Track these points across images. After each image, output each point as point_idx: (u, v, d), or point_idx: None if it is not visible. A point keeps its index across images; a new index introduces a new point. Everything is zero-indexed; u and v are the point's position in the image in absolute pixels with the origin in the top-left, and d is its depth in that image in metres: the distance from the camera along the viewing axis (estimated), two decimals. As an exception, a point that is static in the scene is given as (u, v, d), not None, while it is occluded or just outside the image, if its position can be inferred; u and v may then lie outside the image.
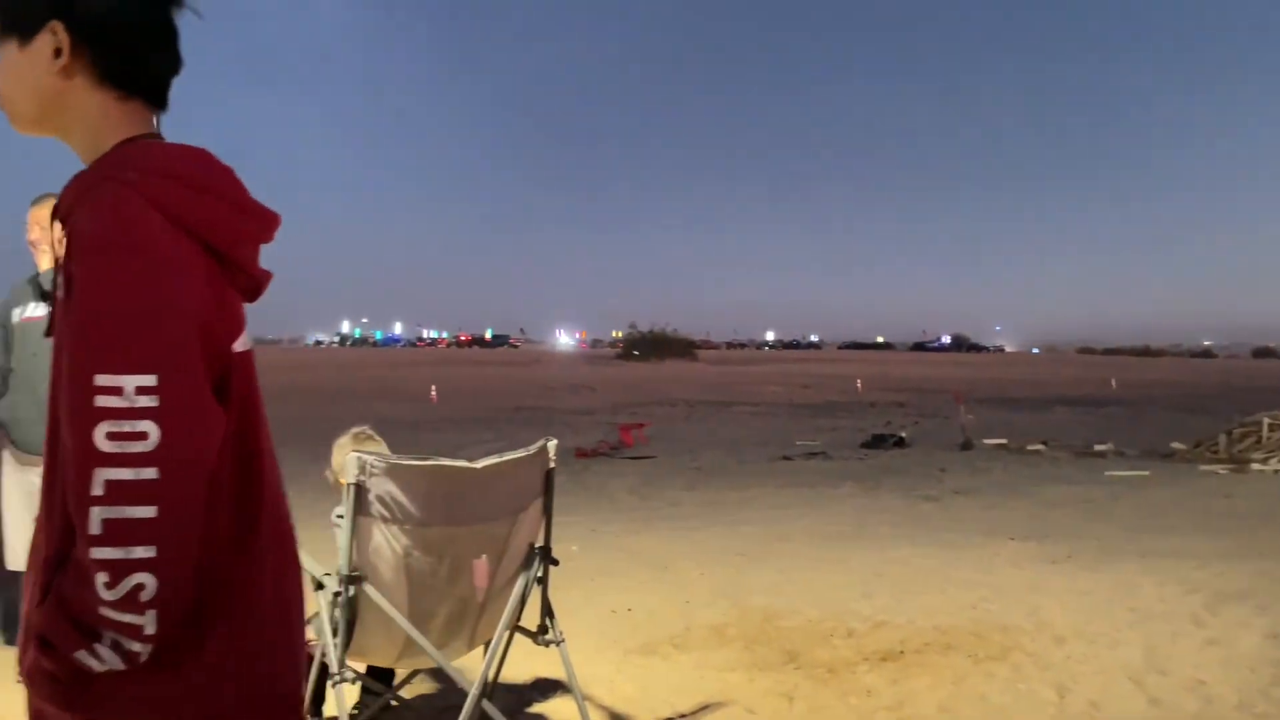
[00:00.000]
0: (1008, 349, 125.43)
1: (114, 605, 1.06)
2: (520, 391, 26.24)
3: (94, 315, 1.07)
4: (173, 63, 1.23)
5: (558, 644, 3.02)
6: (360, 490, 2.63)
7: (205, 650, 1.15)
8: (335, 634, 2.70)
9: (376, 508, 2.66)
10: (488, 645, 3.22)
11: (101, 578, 1.05)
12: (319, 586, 2.81)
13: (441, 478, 2.73)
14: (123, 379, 1.05)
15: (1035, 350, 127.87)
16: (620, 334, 79.70)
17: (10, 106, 1.21)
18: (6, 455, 3.98)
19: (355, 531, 2.66)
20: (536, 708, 3.54)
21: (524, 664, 3.83)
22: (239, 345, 1.22)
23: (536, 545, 2.99)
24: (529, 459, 2.90)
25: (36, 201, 4.00)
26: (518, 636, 3.04)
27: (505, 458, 2.82)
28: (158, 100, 1.23)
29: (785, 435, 14.04)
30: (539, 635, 3.05)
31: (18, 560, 3.97)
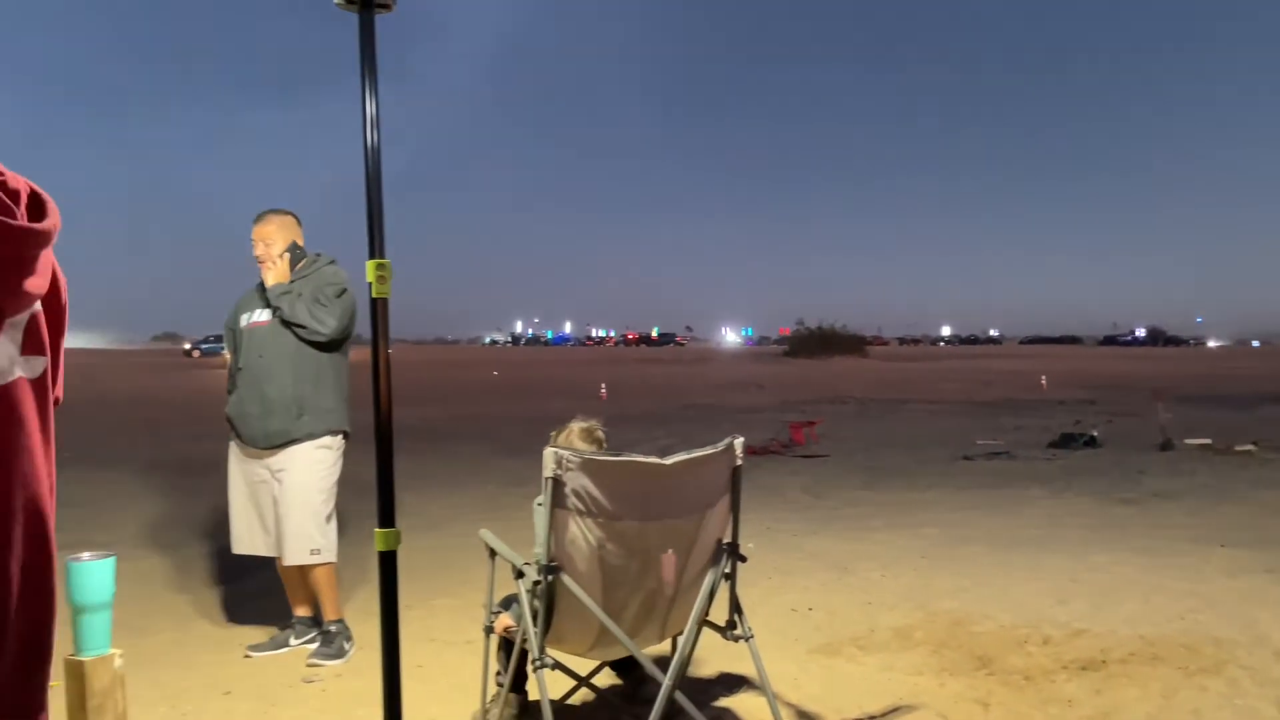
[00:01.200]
0: (1212, 342, 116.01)
1: None
2: (688, 389, 26.43)
3: None
4: None
5: (746, 639, 3.05)
6: (557, 484, 2.74)
7: None
8: (535, 621, 2.82)
9: (572, 501, 2.76)
10: (675, 640, 3.30)
11: None
12: (519, 575, 2.95)
13: (633, 473, 2.81)
14: None
15: (1255, 344, 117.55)
16: (787, 330, 78.90)
17: None
18: (232, 447, 4.36)
19: (552, 523, 2.77)
20: (723, 701, 3.58)
21: (708, 659, 3.88)
22: None
23: (724, 541, 3.03)
24: (717, 456, 2.94)
25: (259, 219, 4.36)
26: (704, 631, 3.09)
27: (694, 454, 2.87)
28: None
29: (964, 434, 13.55)
30: (728, 630, 3.08)
31: (242, 544, 4.34)
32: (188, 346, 67.64)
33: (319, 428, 4.20)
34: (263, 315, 4.28)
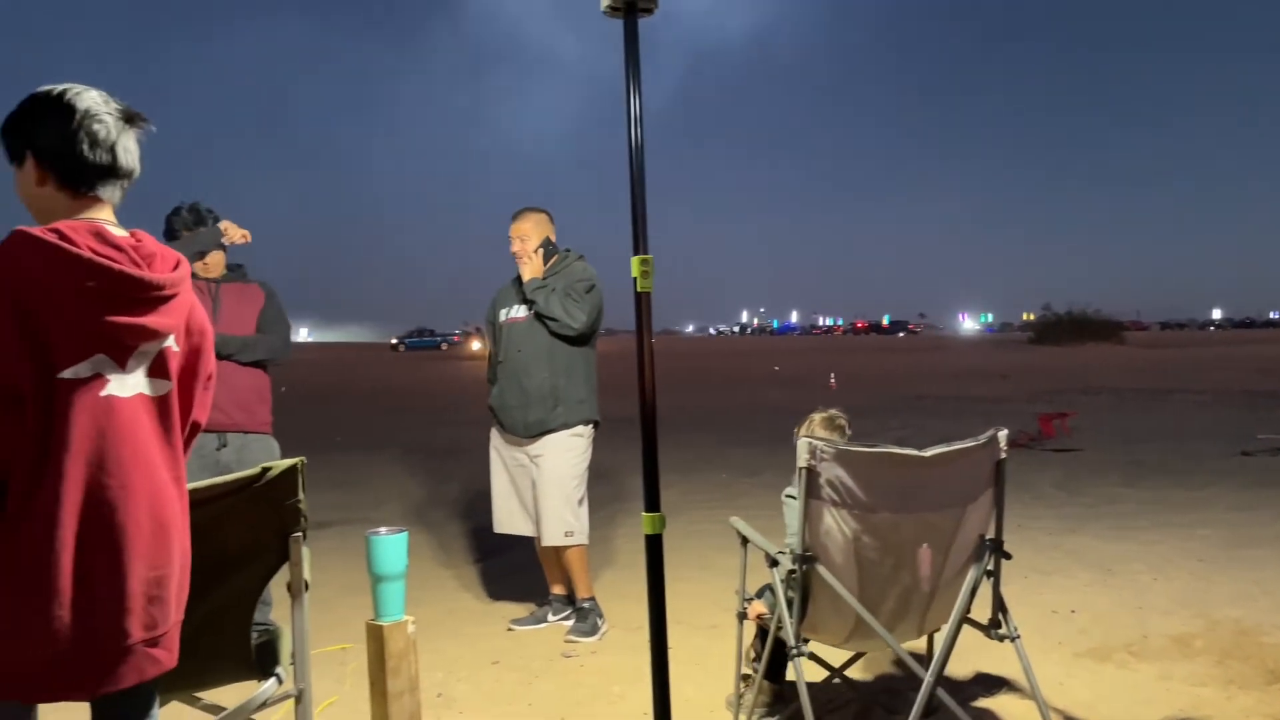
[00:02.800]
0: None
1: None
2: (922, 379, 25.49)
3: None
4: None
5: (1012, 639, 2.93)
6: (811, 474, 2.74)
7: None
8: (790, 610, 2.84)
9: (827, 491, 2.75)
10: (931, 637, 3.22)
11: None
12: (773, 563, 2.97)
13: (890, 465, 2.76)
14: None
15: None
16: (1032, 316, 74.37)
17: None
18: (494, 434, 4.65)
19: (807, 513, 2.77)
20: (982, 702, 3.46)
21: (964, 658, 3.75)
22: (68, 374, 1.69)
23: (987, 538, 2.92)
24: (979, 449, 2.84)
25: (516, 216, 4.62)
26: (964, 630, 2.99)
27: (954, 446, 2.79)
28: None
29: (1242, 428, 12.25)
30: (991, 629, 2.97)
31: (504, 525, 4.63)
32: (394, 341, 72.46)
33: (572, 418, 4.41)
34: (519, 311, 4.54)
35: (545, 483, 4.38)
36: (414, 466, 10.20)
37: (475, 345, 51.18)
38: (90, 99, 1.84)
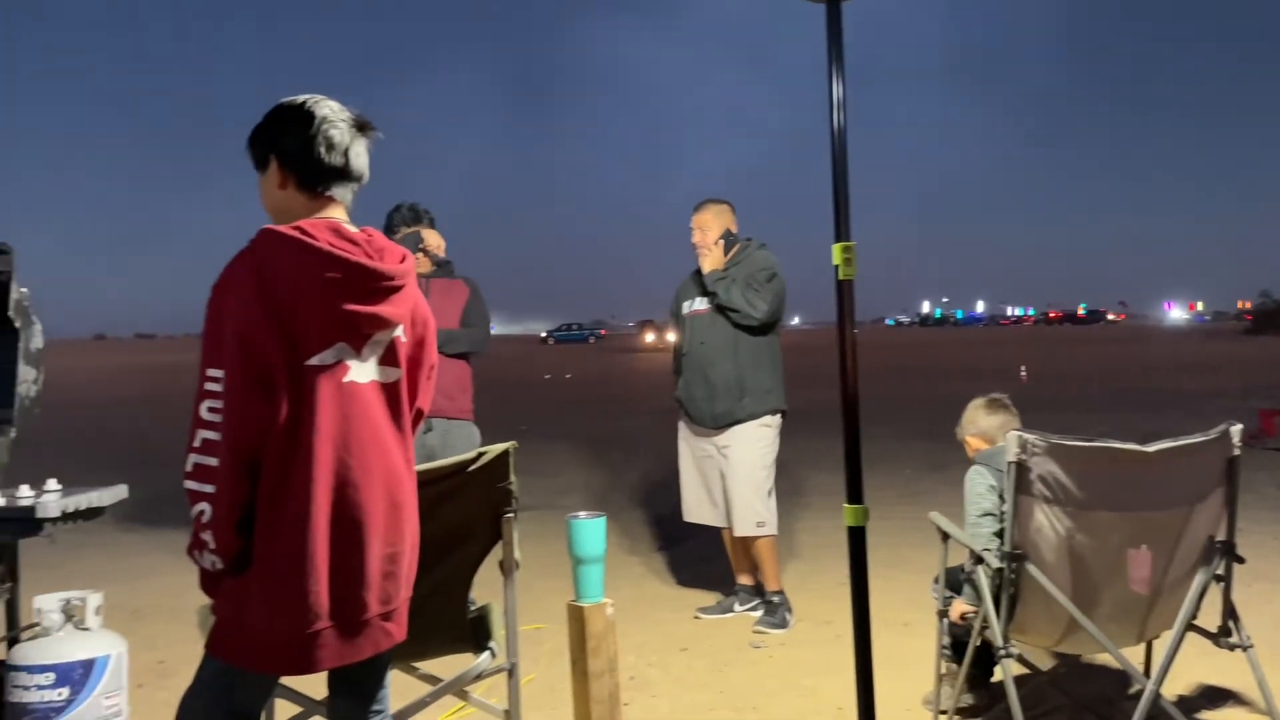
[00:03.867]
0: None
1: (194, 522, 1.79)
2: (1123, 371, 23.91)
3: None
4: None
5: (1244, 649, 2.72)
6: (1021, 469, 2.63)
7: (251, 570, 1.81)
8: (998, 609, 2.74)
9: (1038, 487, 2.63)
10: (1149, 644, 3.03)
11: (189, 502, 1.79)
12: (978, 561, 2.87)
13: (1108, 460, 2.61)
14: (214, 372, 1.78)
15: None
16: (1248, 304, 68.36)
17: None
18: (681, 426, 4.70)
19: (1016, 510, 2.66)
20: (1206, 714, 3.22)
21: (1184, 666, 3.50)
22: (315, 361, 1.82)
23: (1217, 539, 2.72)
24: (1207, 445, 2.65)
25: (698, 208, 4.65)
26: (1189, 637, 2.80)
27: (1180, 442, 2.61)
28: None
29: None
30: (1220, 637, 2.77)
31: (692, 514, 4.68)
32: (543, 335, 73.87)
33: (759, 408, 4.41)
34: (701, 303, 4.57)
35: (734, 474, 4.39)
36: (595, 455, 10.45)
37: (649, 337, 51.84)
38: (327, 107, 1.98)
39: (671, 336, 4.93)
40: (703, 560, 5.49)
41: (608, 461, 9.94)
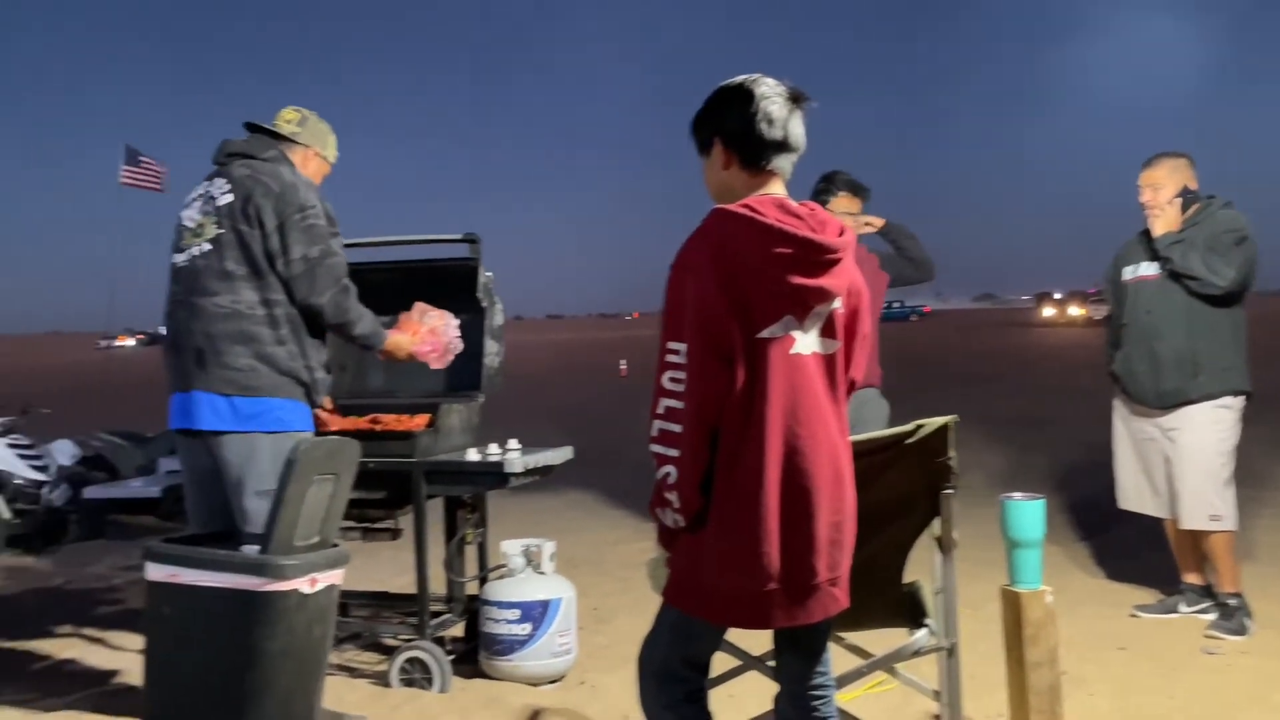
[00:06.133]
0: None
1: (658, 483, 1.92)
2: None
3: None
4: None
5: None
6: None
7: (707, 528, 1.92)
8: None
9: None
10: None
11: (655, 464, 1.91)
12: None
13: None
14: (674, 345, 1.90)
15: None
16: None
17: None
18: (1117, 404, 4.28)
19: None
20: None
21: None
22: (766, 333, 1.90)
23: None
24: None
25: (1147, 164, 4.16)
26: None
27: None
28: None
29: None
30: None
31: (1129, 500, 4.25)
32: None
33: (1217, 387, 3.89)
34: (1149, 269, 4.10)
35: (1184, 459, 3.92)
36: (991, 435, 9.88)
37: (1047, 311, 48.12)
38: (765, 84, 2.03)
39: (1077, 310, 4.48)
40: (1131, 553, 4.99)
41: (1006, 441, 9.35)
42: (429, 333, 3.46)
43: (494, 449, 3.66)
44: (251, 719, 2.42)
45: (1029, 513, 2.78)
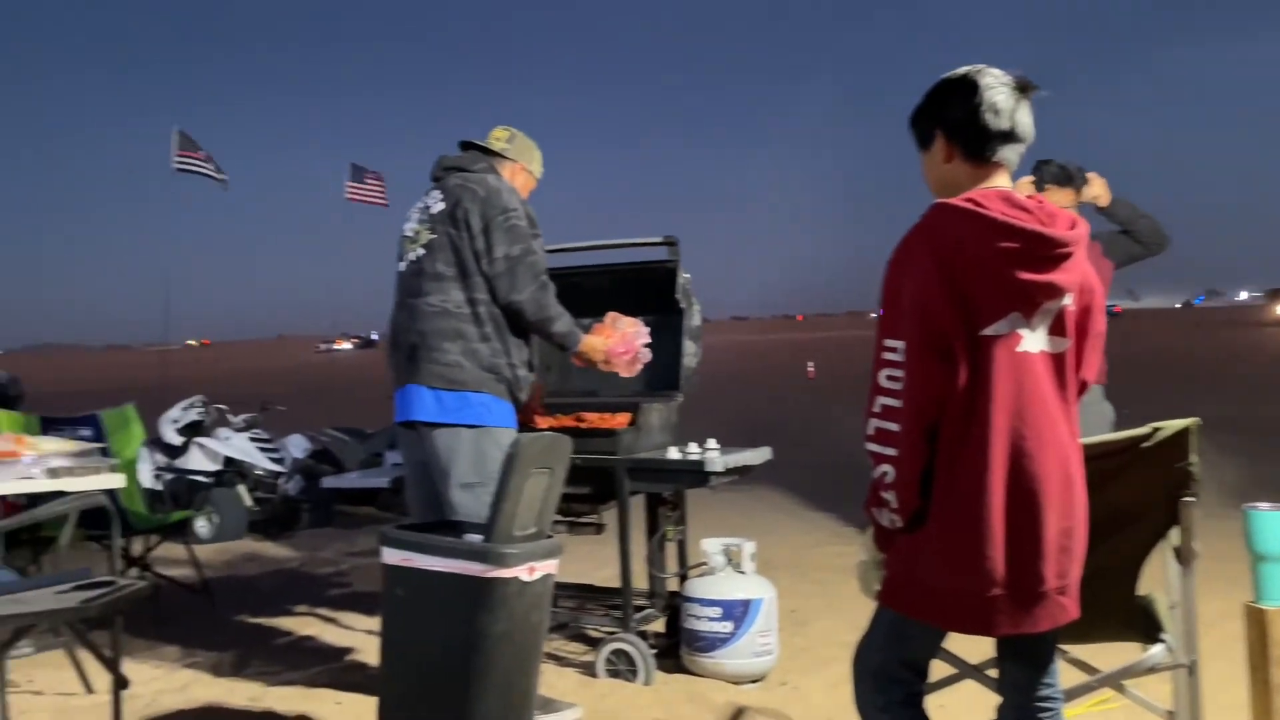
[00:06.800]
0: None
1: (875, 482, 1.89)
2: None
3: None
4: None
5: None
6: None
7: (926, 529, 1.87)
8: None
9: None
10: None
11: (871, 463, 1.88)
12: None
13: None
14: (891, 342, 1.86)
15: None
16: None
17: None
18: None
19: None
20: None
21: None
22: (990, 330, 1.83)
23: None
24: None
25: None
26: None
27: None
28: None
29: None
30: None
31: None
32: None
33: None
34: None
35: None
36: (1218, 444, 9.10)
37: (1280, 309, 43.85)
38: (990, 74, 1.96)
39: None
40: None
41: (1233, 450, 8.59)
42: (621, 337, 3.54)
43: (694, 448, 3.72)
44: (475, 698, 2.56)
45: (1273, 525, 2.55)
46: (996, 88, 1.95)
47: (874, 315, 2.06)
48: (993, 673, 2.17)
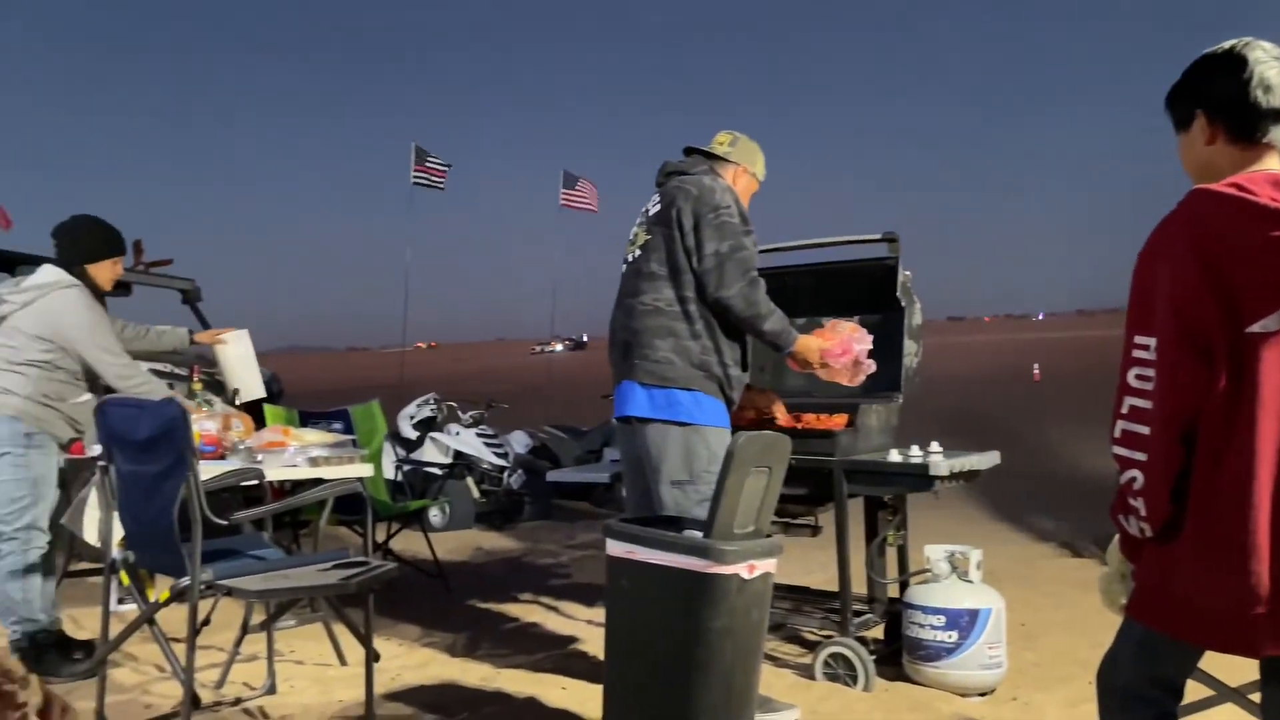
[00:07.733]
0: None
1: (1122, 488, 1.79)
2: None
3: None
4: None
5: None
6: None
7: (1181, 538, 1.75)
8: None
9: None
10: None
11: (1118, 467, 1.79)
12: None
13: None
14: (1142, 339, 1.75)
15: None
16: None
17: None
18: None
19: None
20: None
21: None
22: (1256, 327, 1.68)
23: None
24: None
25: None
26: None
27: None
28: None
29: None
30: None
31: None
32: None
33: None
34: None
35: None
36: None
37: None
38: (1261, 48, 1.82)
39: None
40: None
41: None
42: (840, 340, 3.45)
43: (915, 450, 3.61)
44: (697, 691, 2.60)
45: None
46: (1268, 62, 1.80)
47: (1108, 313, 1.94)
48: (1255, 697, 1.99)
